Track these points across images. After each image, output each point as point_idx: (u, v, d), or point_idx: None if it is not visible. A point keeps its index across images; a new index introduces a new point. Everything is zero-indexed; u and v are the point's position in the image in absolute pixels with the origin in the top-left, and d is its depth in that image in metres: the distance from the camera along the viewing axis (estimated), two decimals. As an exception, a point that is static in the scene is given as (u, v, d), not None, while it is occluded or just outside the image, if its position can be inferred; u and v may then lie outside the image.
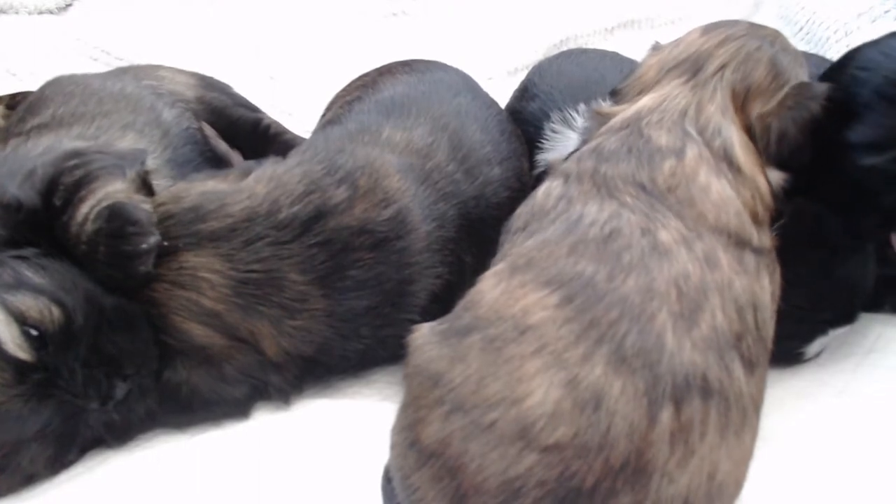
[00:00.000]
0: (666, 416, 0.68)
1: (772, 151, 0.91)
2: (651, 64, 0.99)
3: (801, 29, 1.72)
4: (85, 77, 1.32)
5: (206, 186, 0.99)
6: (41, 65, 1.72)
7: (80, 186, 0.95)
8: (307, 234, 0.95)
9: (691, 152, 0.85)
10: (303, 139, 1.43)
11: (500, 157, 1.18)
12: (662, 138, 0.87)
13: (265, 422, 0.97)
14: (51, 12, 2.06)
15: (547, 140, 1.21)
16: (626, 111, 0.93)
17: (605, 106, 0.99)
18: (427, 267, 1.02)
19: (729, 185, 0.84)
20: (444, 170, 1.09)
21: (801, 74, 0.95)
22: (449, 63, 1.37)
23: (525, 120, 1.33)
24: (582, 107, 1.09)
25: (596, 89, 1.08)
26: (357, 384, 1.04)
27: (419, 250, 1.01)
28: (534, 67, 1.50)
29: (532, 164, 1.26)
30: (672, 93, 0.92)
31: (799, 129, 0.91)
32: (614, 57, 1.43)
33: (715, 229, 0.81)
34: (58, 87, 1.26)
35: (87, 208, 0.93)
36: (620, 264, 0.76)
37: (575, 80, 1.31)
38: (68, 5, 2.09)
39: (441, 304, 1.05)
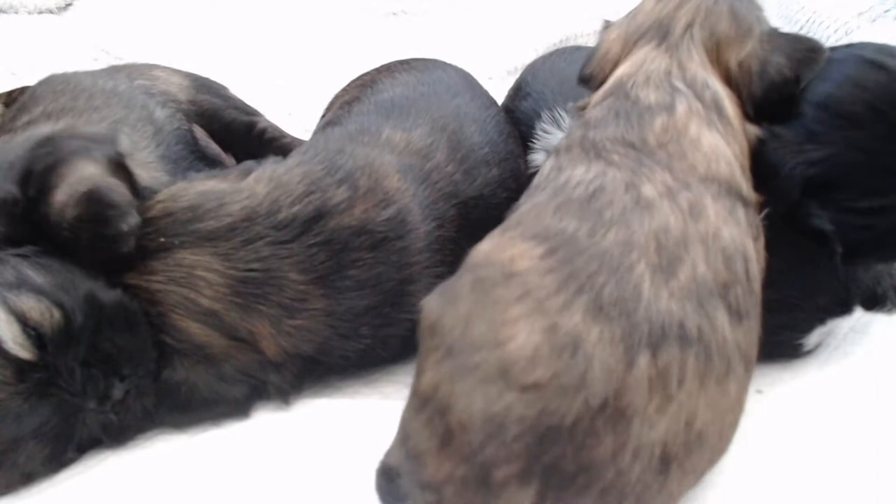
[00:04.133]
0: (643, 361, 0.70)
1: (756, 91, 0.93)
2: (612, 40, 1.01)
3: (801, 28, 1.72)
4: (76, 74, 1.31)
5: (205, 186, 0.99)
6: (41, 65, 1.72)
7: (49, 173, 0.95)
8: (307, 234, 0.96)
9: (682, 106, 0.87)
10: (300, 142, 1.43)
11: (498, 158, 1.18)
12: (651, 96, 0.89)
13: (265, 421, 0.96)
14: (51, 12, 2.07)
15: (537, 140, 1.21)
16: (605, 85, 0.95)
17: (583, 99, 1.00)
18: (427, 267, 1.02)
19: (720, 136, 0.86)
20: (444, 170, 1.09)
21: (761, 16, 0.99)
22: (449, 62, 1.37)
23: (518, 119, 1.33)
24: (570, 106, 1.10)
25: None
26: (357, 384, 1.04)
27: (419, 250, 1.01)
28: (528, 66, 1.50)
29: (525, 163, 1.26)
30: (648, 56, 0.94)
31: (777, 66, 0.93)
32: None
33: (705, 178, 0.82)
34: (48, 86, 1.26)
35: (63, 195, 0.93)
36: (602, 220, 0.78)
37: (566, 79, 1.31)
38: (68, 5, 2.09)
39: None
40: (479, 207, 1.11)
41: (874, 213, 0.90)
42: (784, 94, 0.93)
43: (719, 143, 0.86)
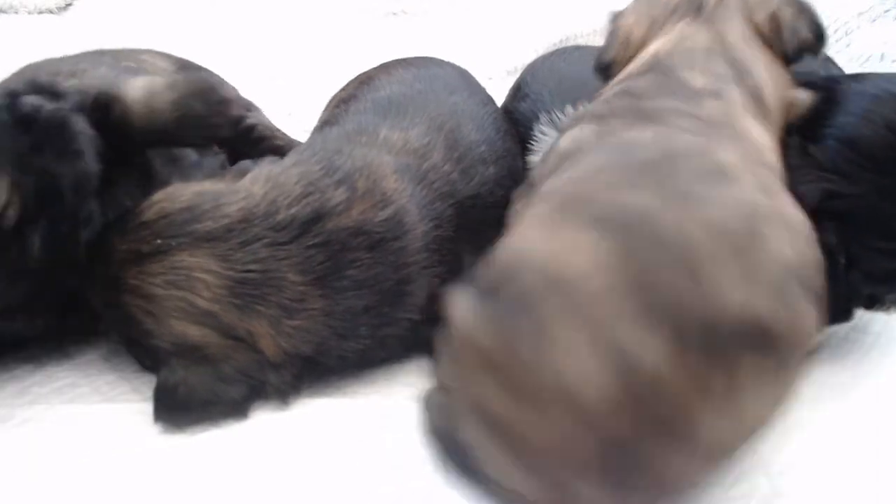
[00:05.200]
0: (703, 368, 0.64)
1: (788, 48, 0.92)
2: (631, 24, 0.98)
3: (800, 28, 1.71)
4: (60, 57, 1.29)
5: (202, 186, 0.99)
6: (41, 65, 1.72)
7: (108, 92, 0.98)
8: (305, 236, 0.95)
9: (731, 94, 0.84)
10: (295, 143, 1.42)
11: (495, 156, 1.18)
12: (697, 80, 0.85)
13: (263, 420, 0.96)
14: (51, 12, 2.06)
15: (535, 142, 1.21)
16: (640, 58, 0.92)
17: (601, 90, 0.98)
18: (425, 266, 1.02)
19: (764, 130, 0.84)
20: (441, 170, 1.09)
21: None
22: (446, 60, 1.37)
23: (517, 120, 1.32)
24: (569, 108, 1.09)
25: (586, 90, 1.08)
26: (356, 383, 1.03)
27: (416, 250, 1.01)
28: (528, 65, 1.50)
29: (524, 164, 1.25)
30: (685, 31, 0.91)
31: (806, 24, 0.94)
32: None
33: (763, 163, 0.79)
34: (28, 67, 1.25)
35: (138, 92, 0.97)
36: (676, 192, 0.69)
37: (565, 80, 1.31)
38: (68, 5, 2.09)
39: (440, 303, 1.05)
40: (476, 206, 1.11)
41: (891, 254, 0.89)
42: (805, 55, 0.93)
43: (765, 135, 0.83)
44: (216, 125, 1.03)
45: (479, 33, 2.00)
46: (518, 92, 1.39)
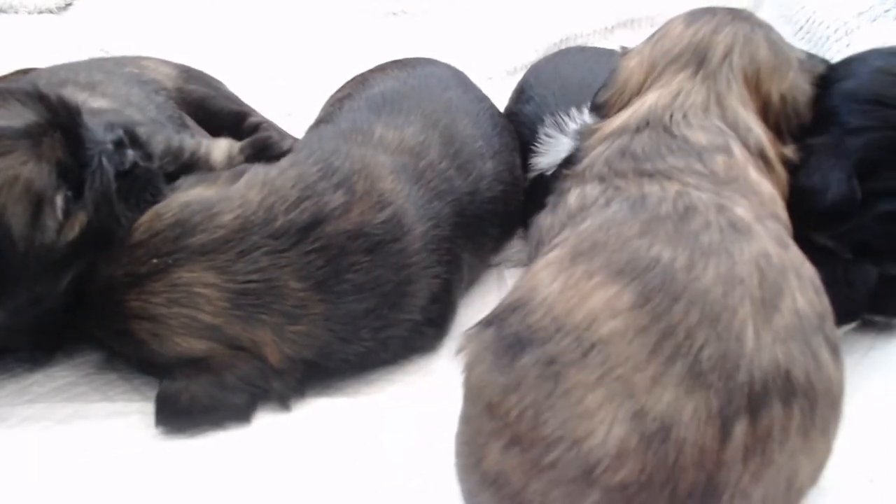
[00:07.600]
0: (739, 430, 0.64)
1: (805, 121, 0.93)
2: (632, 67, 0.97)
3: (801, 28, 1.72)
4: (67, 64, 1.30)
5: (188, 196, 0.97)
6: (41, 65, 1.72)
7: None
8: (304, 241, 0.94)
9: (737, 150, 0.84)
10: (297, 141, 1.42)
11: (492, 151, 1.18)
12: (701, 137, 0.85)
13: (266, 421, 0.96)
14: (51, 12, 2.06)
15: (540, 144, 1.21)
16: (636, 111, 0.91)
17: (591, 123, 0.98)
18: (424, 267, 1.02)
19: (770, 183, 0.84)
20: (437, 167, 1.08)
21: (792, 47, 0.97)
22: (448, 63, 1.37)
23: (521, 122, 1.32)
24: (573, 111, 1.09)
25: (589, 92, 1.08)
26: (357, 383, 1.03)
27: (416, 251, 1.01)
28: (531, 68, 1.50)
29: (526, 167, 1.25)
30: (683, 87, 0.90)
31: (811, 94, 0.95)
32: (612, 55, 1.41)
33: (774, 216, 0.79)
34: (40, 71, 1.26)
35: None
36: (700, 247, 0.69)
37: (569, 82, 1.31)
38: (68, 5, 2.09)
39: (440, 303, 1.05)
40: (474, 203, 1.11)
41: None
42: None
43: (772, 189, 0.83)
44: None
45: (479, 33, 2.00)
46: (522, 95, 1.39)
